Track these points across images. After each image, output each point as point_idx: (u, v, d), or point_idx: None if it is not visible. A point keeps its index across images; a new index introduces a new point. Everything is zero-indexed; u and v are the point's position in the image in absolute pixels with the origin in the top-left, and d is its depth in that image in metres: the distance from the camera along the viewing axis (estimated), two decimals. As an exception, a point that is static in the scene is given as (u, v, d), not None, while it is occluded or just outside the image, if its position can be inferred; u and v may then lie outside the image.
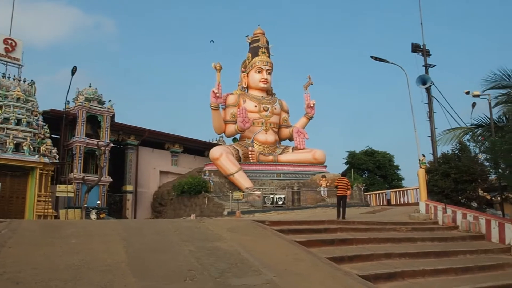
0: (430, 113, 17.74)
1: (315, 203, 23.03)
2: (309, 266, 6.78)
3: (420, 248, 9.78)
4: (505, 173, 12.27)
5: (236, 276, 6.02)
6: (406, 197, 29.35)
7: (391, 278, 6.95)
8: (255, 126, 28.06)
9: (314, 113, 30.60)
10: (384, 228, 11.85)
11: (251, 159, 26.88)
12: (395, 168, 43.21)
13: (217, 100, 27.01)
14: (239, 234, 8.96)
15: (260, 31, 30.40)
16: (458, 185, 15.84)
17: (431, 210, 14.96)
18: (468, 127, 18.05)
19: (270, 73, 29.63)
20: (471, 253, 9.98)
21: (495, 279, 7.60)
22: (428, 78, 17.66)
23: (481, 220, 12.72)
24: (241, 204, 21.44)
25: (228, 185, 25.10)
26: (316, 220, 11.95)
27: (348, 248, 8.99)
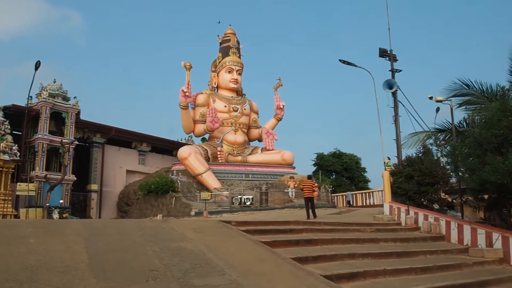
0: (395, 117, 18.14)
1: (283, 204, 23.18)
2: (273, 266, 6.80)
3: (382, 248, 9.97)
4: (465, 176, 12.68)
5: (200, 276, 5.97)
6: (372, 198, 30.03)
7: (353, 278, 7.05)
8: (224, 126, 28.02)
9: (283, 114, 30.84)
10: (349, 229, 12.03)
11: (220, 159, 26.80)
12: (362, 170, 44.11)
13: (186, 99, 26.78)
14: (204, 234, 8.88)
15: (231, 31, 30.39)
16: (421, 187, 16.26)
17: (394, 212, 15.31)
18: (432, 131, 18.62)
19: (240, 73, 29.66)
20: (431, 253, 10.26)
21: (453, 278, 7.84)
22: (394, 83, 18.05)
23: (442, 221, 13.12)
24: (209, 205, 21.34)
25: (196, 185, 24.93)
26: (282, 221, 11.99)
27: (313, 248, 9.06)
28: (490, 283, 8.02)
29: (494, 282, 8.15)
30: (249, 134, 30.08)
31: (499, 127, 11.32)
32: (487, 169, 10.58)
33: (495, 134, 11.35)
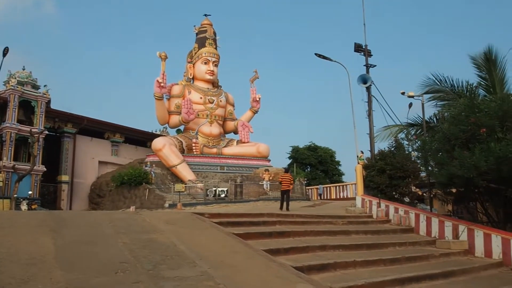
0: (369, 111, 18.41)
1: (257, 196, 23.27)
2: (245, 258, 6.82)
3: (353, 240, 10.15)
4: (434, 170, 12.97)
5: (170, 268, 5.93)
6: (345, 191, 30.41)
7: (324, 269, 7.15)
8: (199, 118, 27.83)
9: (259, 107, 30.85)
10: (321, 221, 12.18)
11: (195, 151, 26.64)
12: (336, 164, 44.63)
13: (161, 90, 26.44)
14: (176, 226, 8.82)
15: (208, 22, 30.09)
16: (393, 181, 16.59)
17: (366, 205, 15.58)
18: (404, 125, 18.98)
19: (216, 65, 29.46)
20: (400, 245, 10.50)
21: (420, 269, 8.05)
22: (369, 78, 18.30)
23: (411, 214, 13.44)
24: (183, 197, 21.22)
25: (171, 177, 24.74)
26: (255, 213, 12.04)
27: (285, 240, 9.14)
28: (455, 274, 8.27)
29: (458, 273, 8.41)
30: (224, 126, 29.98)
31: (467, 123, 11.61)
32: (455, 163, 10.84)
33: (463, 130, 11.64)
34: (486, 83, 16.67)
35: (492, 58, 16.33)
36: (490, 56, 16.38)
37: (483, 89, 16.86)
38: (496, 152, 10.12)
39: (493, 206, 12.67)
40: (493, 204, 12.65)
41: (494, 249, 10.31)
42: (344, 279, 6.64)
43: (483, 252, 10.56)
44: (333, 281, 6.34)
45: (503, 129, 11.17)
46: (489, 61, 16.35)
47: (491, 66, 16.28)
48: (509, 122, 11.00)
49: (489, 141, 10.62)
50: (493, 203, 12.59)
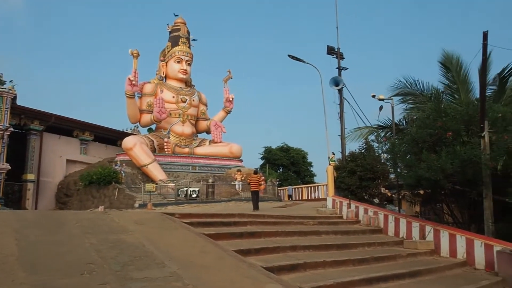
0: (341, 114, 18.64)
1: (229, 197, 23.20)
2: (215, 258, 6.77)
3: (324, 241, 10.24)
4: (402, 172, 13.26)
5: (139, 269, 5.83)
6: (317, 192, 30.72)
7: (294, 270, 7.19)
8: (172, 117, 27.54)
9: (232, 107, 30.78)
10: (292, 221, 12.24)
11: (166, 150, 26.32)
12: (308, 165, 45.03)
13: (132, 88, 26.00)
14: (146, 226, 8.69)
15: (181, 21, 29.81)
16: (363, 182, 16.86)
17: (337, 205, 15.77)
18: (374, 127, 19.32)
19: (190, 64, 29.22)
20: (369, 245, 10.67)
21: (388, 269, 8.20)
22: (341, 80, 18.53)
23: (380, 215, 13.68)
24: (154, 197, 20.92)
25: (141, 177, 24.35)
26: (227, 213, 11.99)
27: (256, 241, 9.13)
28: (421, 273, 8.47)
29: (425, 272, 8.61)
30: (197, 126, 29.76)
31: (434, 126, 11.92)
32: (422, 166, 11.11)
33: (430, 133, 11.94)
34: (452, 88, 17.17)
35: (458, 63, 16.84)
36: (456, 61, 16.89)
37: (449, 93, 17.37)
38: (461, 155, 10.43)
39: (458, 207, 13.04)
40: (458, 206, 13.01)
41: (459, 249, 10.61)
42: (313, 279, 6.68)
43: (448, 252, 10.85)
44: (303, 281, 6.38)
45: (468, 133, 11.52)
46: (454, 66, 16.85)
47: (456, 71, 16.78)
48: (474, 126, 11.35)
49: (455, 145, 10.94)
50: (459, 204, 12.95)
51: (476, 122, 11.22)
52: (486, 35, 10.36)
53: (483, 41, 10.45)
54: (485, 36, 10.37)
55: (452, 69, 17.08)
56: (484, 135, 10.64)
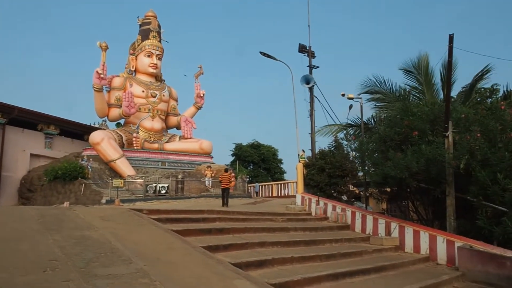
0: (311, 111, 18.85)
1: (199, 193, 23.05)
2: (183, 254, 6.71)
3: (292, 237, 10.32)
4: (370, 170, 13.53)
5: (104, 265, 5.70)
6: (287, 189, 30.97)
7: (262, 265, 7.21)
8: (141, 112, 27.08)
9: (203, 103, 30.58)
10: (261, 218, 12.30)
11: (135, 146, 25.88)
12: (278, 162, 45.35)
13: (101, 82, 25.36)
14: (112, 222, 8.52)
15: (152, 14, 29.29)
16: (332, 180, 17.13)
17: (306, 202, 15.94)
18: (343, 125, 19.63)
19: (160, 58, 28.78)
20: (337, 241, 10.84)
21: (354, 265, 8.35)
22: (311, 78, 18.72)
23: (348, 212, 13.92)
24: (121, 192, 20.56)
25: (109, 172, 23.85)
26: (195, 210, 11.90)
27: (225, 237, 9.12)
28: (386, 268, 8.67)
29: (389, 267, 8.82)
30: (167, 122, 29.39)
31: (401, 125, 12.21)
32: (389, 164, 11.37)
33: (397, 132, 12.23)
34: (419, 88, 17.65)
35: (425, 65, 17.32)
36: (422, 63, 17.37)
37: (416, 94, 17.84)
38: (426, 154, 10.72)
39: (423, 205, 13.42)
40: (423, 203, 13.39)
41: (422, 245, 10.93)
42: (281, 274, 6.72)
43: (412, 248, 11.16)
44: (270, 277, 6.41)
45: (433, 132, 11.86)
46: (421, 68, 17.32)
47: (424, 73, 17.26)
48: (439, 126, 11.69)
49: (421, 144, 11.24)
50: (423, 202, 13.33)
51: (441, 122, 11.56)
52: (452, 37, 10.66)
53: (449, 44, 10.75)
54: (451, 38, 10.67)
55: (420, 71, 17.55)
56: (448, 135, 10.97)
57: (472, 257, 9.16)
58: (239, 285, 5.46)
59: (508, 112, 11.05)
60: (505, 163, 9.73)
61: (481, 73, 16.97)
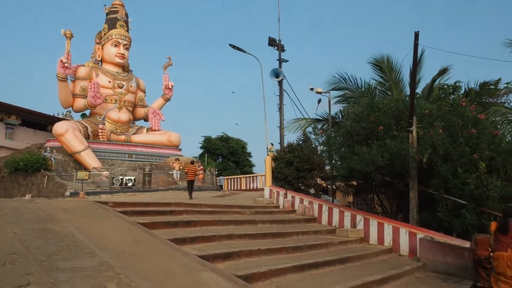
0: (280, 105, 18.94)
1: (167, 186, 22.82)
2: (149, 247, 6.63)
3: (259, 229, 10.38)
4: (337, 164, 13.74)
5: (66, 259, 5.56)
6: (256, 182, 31.05)
7: (229, 258, 7.22)
8: (107, 103, 26.47)
9: (172, 94, 30.21)
10: (229, 211, 12.30)
11: (101, 137, 25.29)
12: (247, 155, 45.35)
13: (65, 71, 24.60)
14: (76, 215, 8.31)
15: (119, 3, 28.57)
16: (300, 173, 17.30)
17: (274, 195, 16.06)
18: (312, 119, 19.84)
19: (127, 48, 28.15)
20: (303, 234, 10.98)
21: (320, 256, 8.49)
22: (281, 72, 18.79)
23: (315, 205, 14.11)
24: (87, 185, 20.10)
25: (73, 164, 23.24)
26: (162, 202, 11.78)
27: (192, 229, 9.07)
28: (350, 260, 8.86)
29: (354, 259, 9.02)
30: (134, 113, 28.86)
31: (367, 121, 12.46)
32: (355, 158, 11.58)
33: (363, 127, 12.47)
34: (385, 85, 18.04)
35: (390, 62, 17.71)
36: (388, 60, 17.76)
37: (383, 90, 18.23)
38: (391, 148, 10.99)
39: (387, 198, 13.75)
40: (387, 196, 13.73)
41: (386, 237, 11.22)
42: (248, 266, 6.75)
43: (376, 239, 11.43)
44: (237, 268, 6.43)
45: (398, 127, 12.15)
46: (387, 65, 17.71)
47: (390, 69, 17.64)
48: (404, 122, 11.98)
49: (386, 138, 11.50)
50: (387, 195, 13.66)
51: (405, 117, 11.85)
52: (417, 35, 10.92)
53: (414, 41, 11.00)
54: (416, 36, 10.93)
55: (385, 68, 17.93)
56: (412, 130, 11.27)
57: (432, 248, 9.48)
58: (206, 277, 5.45)
59: (469, 109, 11.45)
60: (465, 157, 10.08)
61: (442, 70, 17.50)
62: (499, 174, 10.13)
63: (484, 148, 10.21)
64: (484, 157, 10.04)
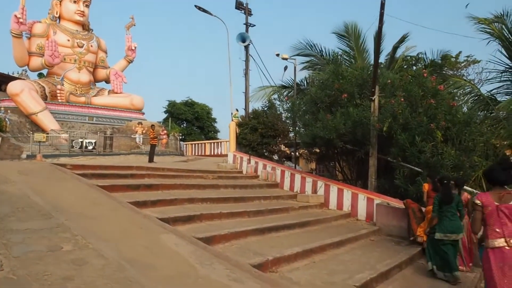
0: (246, 70, 18.75)
1: (129, 150, 22.47)
2: (108, 210, 6.53)
3: (222, 194, 10.43)
4: (301, 131, 13.87)
5: (20, 220, 5.40)
6: (220, 148, 31.02)
7: (190, 221, 7.23)
8: (66, 63, 25.37)
9: (135, 56, 29.29)
10: (192, 175, 12.26)
11: (60, 98, 24.38)
12: (212, 121, 45.09)
13: (20, 27, 23.25)
14: (31, 177, 8.05)
15: (80, -44, 26.95)
16: (264, 139, 17.37)
17: (237, 161, 16.11)
18: (277, 87, 19.80)
19: (87, 5, 26.84)
20: (265, 198, 11.11)
21: (280, 220, 8.64)
22: (247, 37, 18.50)
23: (278, 170, 14.28)
24: (44, 147, 19.47)
25: (30, 126, 22.40)
26: (124, 166, 11.58)
27: (153, 193, 9.00)
28: (309, 224, 9.08)
29: (313, 223, 9.25)
30: (95, 74, 27.87)
31: (331, 88, 12.54)
32: (318, 125, 11.71)
33: (328, 95, 12.57)
34: (350, 53, 18.13)
35: (357, 29, 17.75)
36: (355, 27, 17.79)
37: (348, 59, 18.32)
38: (354, 116, 11.16)
39: (348, 165, 14.09)
40: (348, 164, 14.05)
41: (345, 202, 11.55)
42: (208, 229, 6.80)
43: (336, 205, 11.76)
44: (198, 231, 6.45)
45: (361, 96, 12.32)
46: (354, 32, 17.75)
47: (355, 38, 17.70)
48: (367, 90, 12.15)
49: (349, 106, 11.65)
50: (348, 162, 13.99)
51: (368, 86, 12.00)
52: (383, 4, 10.92)
53: (380, 10, 11.01)
54: (382, 5, 10.92)
55: (351, 36, 17.96)
56: (374, 99, 11.45)
57: (388, 213, 9.86)
58: (165, 238, 5.45)
59: (429, 80, 11.72)
60: (423, 127, 10.38)
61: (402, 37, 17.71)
62: (454, 143, 10.53)
63: (441, 118, 10.53)
64: (441, 127, 10.37)
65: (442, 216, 6.65)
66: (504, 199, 3.96)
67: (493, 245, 3.95)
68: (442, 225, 6.62)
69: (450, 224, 6.54)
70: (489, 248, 3.98)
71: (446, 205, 6.62)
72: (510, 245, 3.87)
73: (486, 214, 4.00)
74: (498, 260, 3.89)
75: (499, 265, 3.86)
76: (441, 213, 6.65)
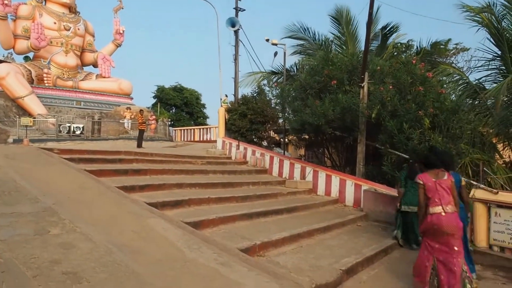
0: (236, 55, 18.61)
1: (117, 135, 22.33)
2: (96, 194, 6.51)
3: (210, 179, 10.43)
4: (290, 117, 13.87)
5: (7, 204, 5.36)
6: (209, 134, 30.99)
7: (178, 205, 7.24)
8: (53, 46, 24.95)
9: (123, 40, 28.90)
10: (181, 161, 12.25)
11: (47, 82, 24.04)
12: (201, 106, 44.90)
13: (5, 8, 22.76)
14: (18, 161, 7.97)
15: None
16: (253, 125, 17.38)
17: (226, 147, 16.11)
18: (267, 72, 19.72)
19: (75, -13, 26.31)
20: (254, 184, 11.16)
21: (268, 205, 8.69)
22: (237, 21, 18.31)
23: (266, 156, 14.32)
24: (31, 132, 19.25)
25: (16, 110, 22.09)
26: (112, 151, 11.51)
27: (141, 178, 8.98)
28: (297, 209, 9.15)
29: (301, 208, 9.33)
30: (82, 58, 27.48)
31: (321, 74, 12.53)
32: (307, 111, 11.71)
33: (317, 81, 12.55)
34: (341, 38, 18.07)
35: (348, 16, 17.68)
36: (347, 12, 17.71)
37: (338, 44, 18.28)
38: (343, 103, 11.18)
39: (337, 151, 14.16)
40: (337, 150, 14.12)
41: (333, 188, 11.65)
42: (197, 214, 6.81)
43: (324, 191, 11.85)
44: (186, 216, 6.47)
45: (350, 82, 12.33)
46: (345, 20, 17.67)
47: (346, 24, 17.64)
48: (356, 77, 12.16)
49: (338, 93, 11.66)
50: (337, 149, 14.05)
51: (358, 73, 12.02)
52: (374, -11, 10.88)
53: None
54: (373, -10, 10.89)
55: (342, 22, 17.89)
56: (364, 86, 11.48)
57: (375, 199, 9.98)
58: (153, 223, 5.46)
59: (418, 67, 11.75)
60: (411, 114, 10.44)
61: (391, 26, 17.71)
62: (441, 130, 10.62)
63: (429, 105, 10.59)
64: (429, 114, 10.43)
65: (407, 190, 7.62)
66: (439, 176, 4.94)
67: (433, 211, 4.81)
68: (407, 198, 7.64)
69: (413, 197, 7.15)
70: (429, 214, 4.83)
71: (410, 180, 7.34)
72: (445, 211, 4.75)
73: (427, 189, 4.90)
74: (434, 222, 4.75)
75: (434, 228, 4.75)
76: (406, 188, 7.63)
